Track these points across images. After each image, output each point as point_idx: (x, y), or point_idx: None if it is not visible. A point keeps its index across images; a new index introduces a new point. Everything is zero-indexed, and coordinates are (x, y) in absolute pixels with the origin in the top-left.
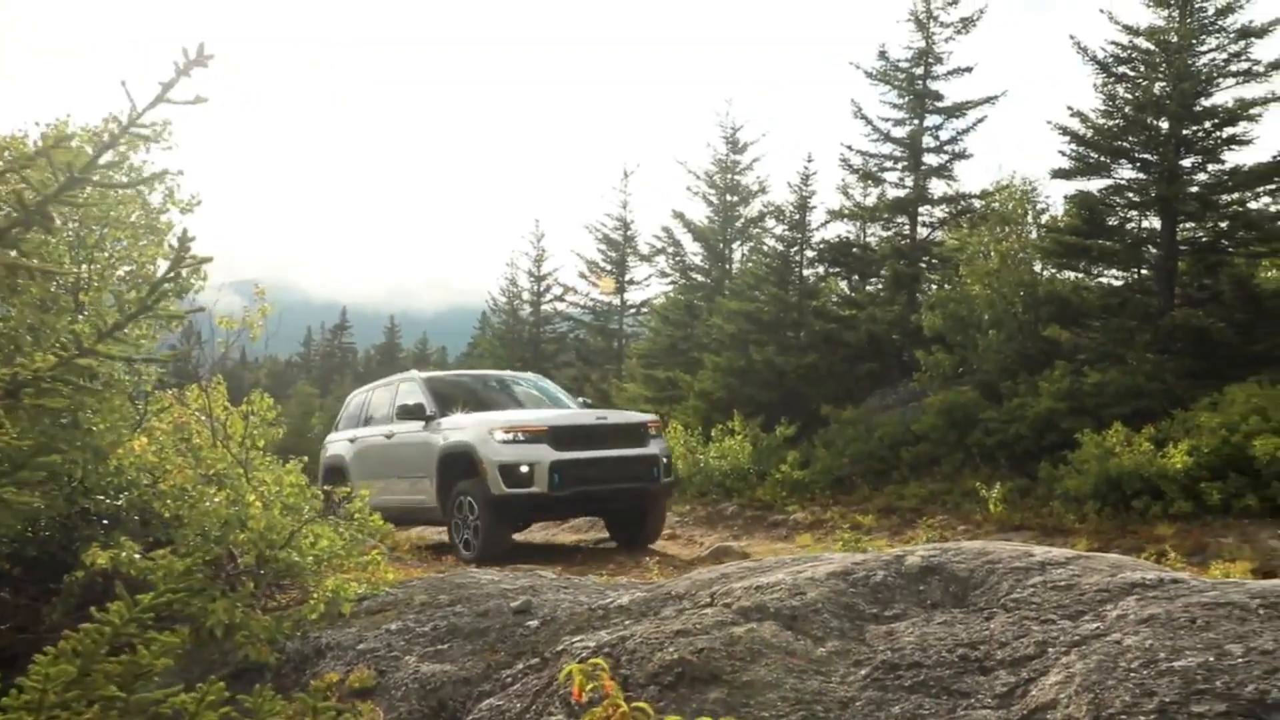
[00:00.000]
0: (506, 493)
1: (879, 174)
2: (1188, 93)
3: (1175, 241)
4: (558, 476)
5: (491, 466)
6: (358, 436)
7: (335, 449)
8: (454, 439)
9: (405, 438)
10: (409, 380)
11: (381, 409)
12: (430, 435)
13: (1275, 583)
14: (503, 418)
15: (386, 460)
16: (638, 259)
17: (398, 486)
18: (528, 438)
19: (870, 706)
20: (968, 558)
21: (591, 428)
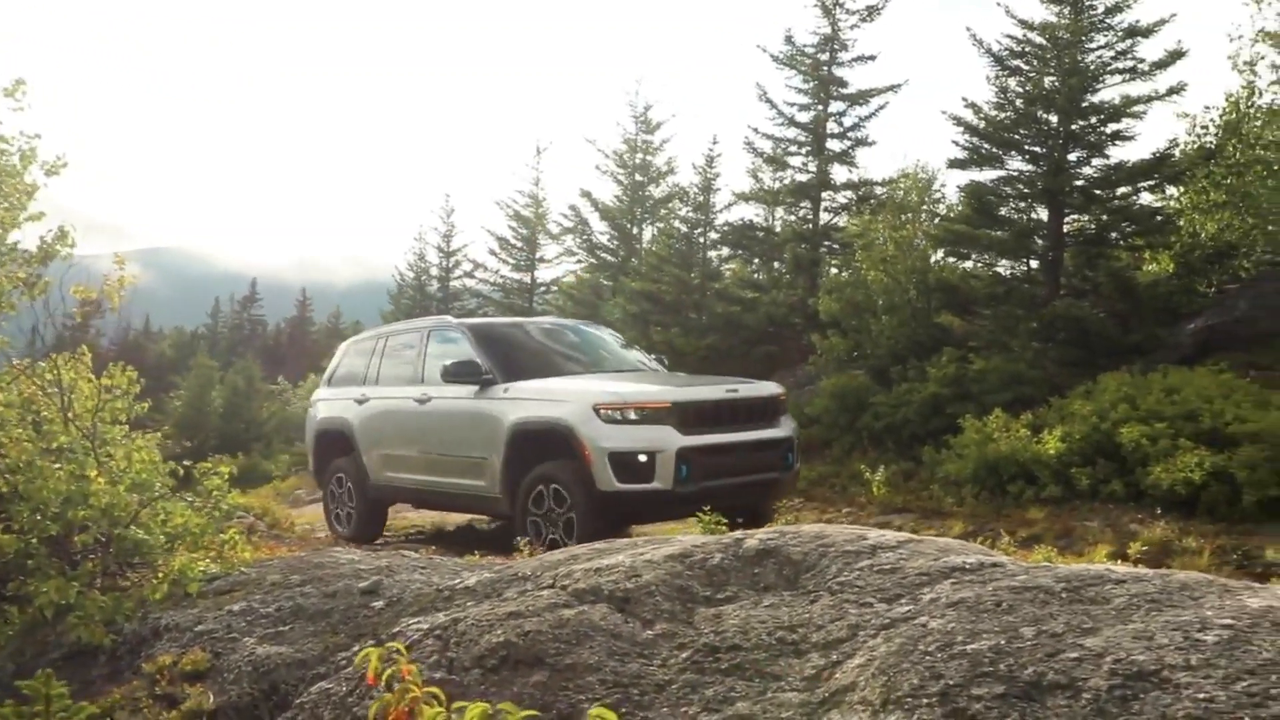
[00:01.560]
0: (618, 489)
1: (784, 158)
2: (1076, 88)
3: (1062, 233)
4: (685, 469)
5: (598, 454)
6: (367, 397)
7: (332, 410)
8: (536, 414)
9: (451, 405)
10: (446, 329)
11: (401, 364)
12: (493, 405)
13: (1082, 567)
14: (610, 389)
15: (419, 431)
16: (548, 237)
17: (436, 465)
18: (645, 417)
19: (685, 689)
20: (804, 541)
21: (721, 403)
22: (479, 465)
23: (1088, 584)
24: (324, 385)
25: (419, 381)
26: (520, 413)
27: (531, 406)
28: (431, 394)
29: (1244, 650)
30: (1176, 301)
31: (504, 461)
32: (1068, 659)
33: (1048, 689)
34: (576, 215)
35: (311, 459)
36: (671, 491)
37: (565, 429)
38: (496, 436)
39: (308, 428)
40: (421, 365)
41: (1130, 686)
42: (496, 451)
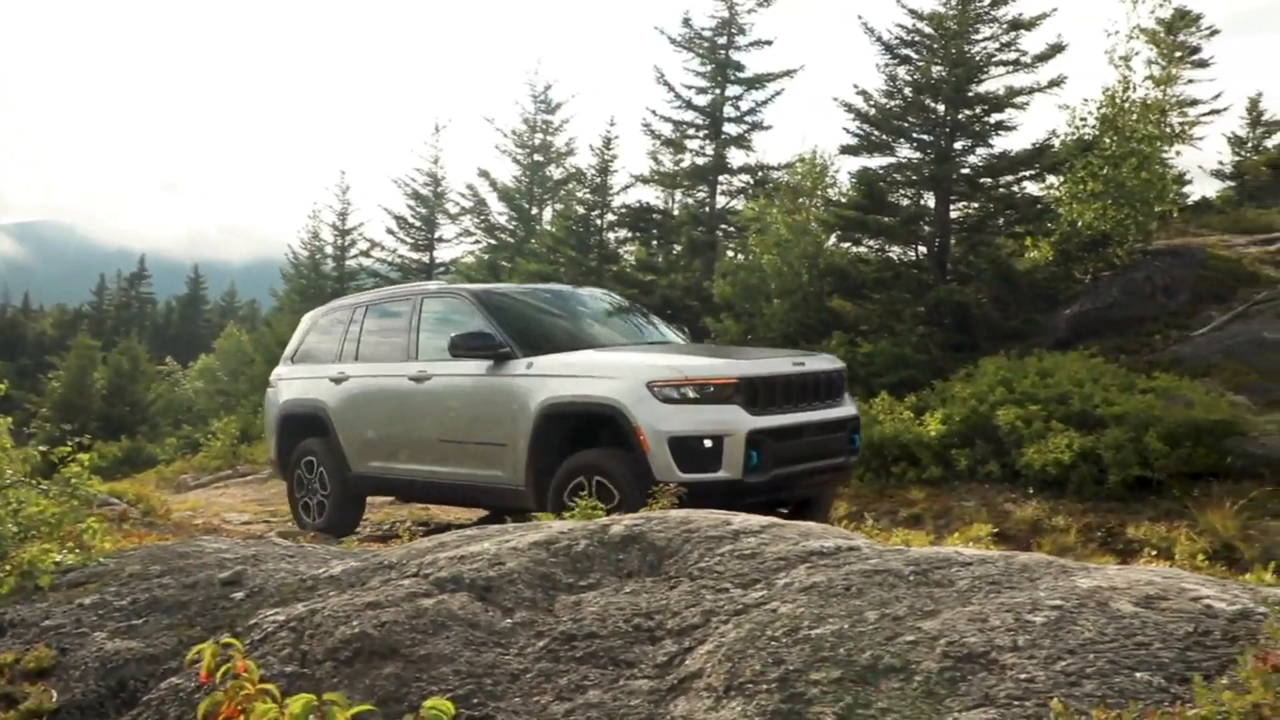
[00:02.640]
0: (681, 479)
1: (682, 141)
2: (962, 78)
3: (948, 220)
4: (755, 455)
5: (655, 439)
6: (346, 375)
7: (300, 390)
8: (573, 392)
9: (457, 384)
10: (445, 296)
11: (388, 338)
12: (513, 383)
13: (932, 550)
14: (665, 362)
15: (414, 414)
16: (446, 218)
17: (437, 453)
18: (709, 395)
19: (539, 679)
20: (669, 526)
21: (790, 378)
22: (495, 452)
23: (935, 566)
24: (286, 362)
25: (412, 357)
26: (550, 391)
27: (565, 384)
28: (431, 371)
29: (1068, 631)
30: (1054, 288)
31: (529, 448)
32: (904, 642)
33: (883, 672)
34: (474, 195)
35: (274, 444)
36: (740, 481)
37: (613, 410)
38: (519, 419)
39: (268, 410)
40: (414, 338)
41: (960, 668)
42: (519, 436)
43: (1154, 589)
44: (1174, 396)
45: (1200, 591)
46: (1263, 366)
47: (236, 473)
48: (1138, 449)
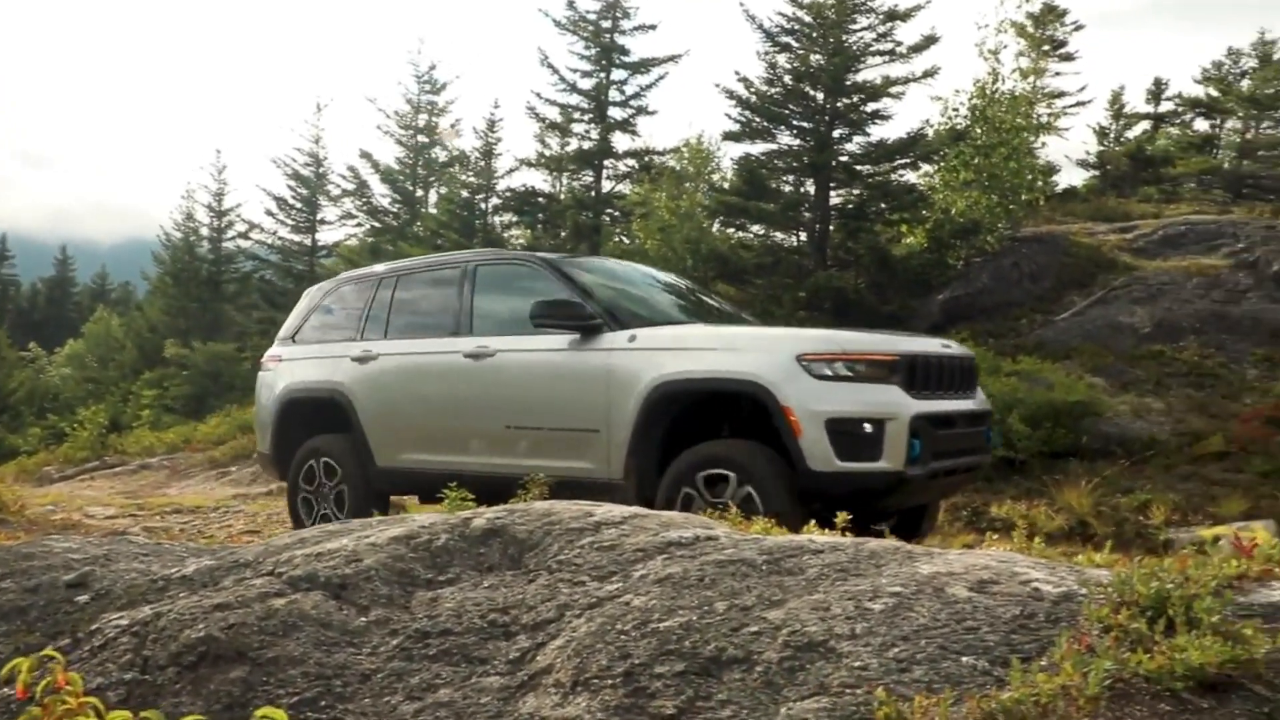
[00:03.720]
0: (838, 469)
1: (567, 125)
2: (840, 67)
3: (828, 206)
4: (917, 444)
5: (810, 420)
6: (373, 353)
7: (309, 372)
8: (694, 368)
9: (535, 361)
10: (512, 263)
11: (430, 310)
12: (612, 359)
13: (787, 538)
14: (809, 333)
15: (472, 397)
16: (328, 199)
17: (502, 441)
18: (866, 373)
19: (391, 678)
20: (531, 519)
21: (944, 361)
22: (583, 440)
23: (788, 555)
24: (284, 342)
25: (463, 331)
26: (663, 368)
27: (684, 359)
28: (493, 347)
29: (904, 617)
30: (929, 274)
31: (632, 435)
32: (749, 633)
33: (726, 664)
34: (356, 177)
35: (269, 438)
36: (901, 474)
37: (753, 387)
38: (618, 401)
39: (262, 396)
40: (467, 310)
41: (799, 658)
42: (618, 421)
43: (989, 573)
44: (1036, 379)
45: (1030, 575)
46: (1118, 349)
47: (104, 464)
48: (1002, 430)
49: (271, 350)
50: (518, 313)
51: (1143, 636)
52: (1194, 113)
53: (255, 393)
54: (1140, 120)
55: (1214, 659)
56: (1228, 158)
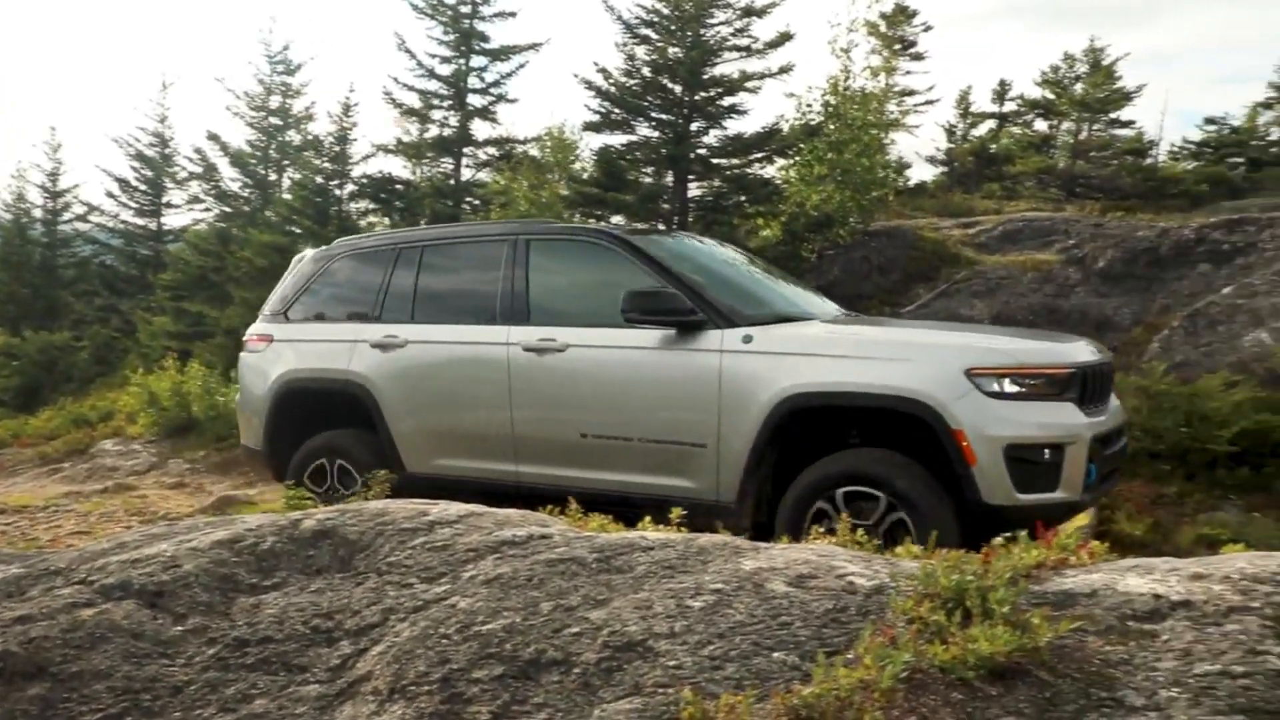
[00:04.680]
0: (1017, 502)
1: (426, 112)
2: (697, 60)
3: (686, 198)
4: (1094, 469)
5: (986, 447)
6: (403, 339)
7: (320, 360)
8: (838, 379)
9: (624, 361)
10: (578, 239)
11: (472, 291)
12: (726, 362)
13: (620, 535)
14: (976, 341)
15: (538, 398)
16: (174, 182)
17: (575, 452)
18: (1040, 389)
19: (205, 690)
20: (363, 519)
21: (1100, 369)
22: (686, 456)
23: (619, 553)
24: (275, 318)
25: (518, 317)
26: (795, 377)
27: (821, 368)
28: (564, 339)
29: (722, 614)
30: (783, 265)
31: (752, 452)
32: (570, 634)
33: (545, 666)
34: (204, 159)
35: (261, 430)
36: (1076, 503)
37: (918, 406)
38: (736, 412)
39: (249, 382)
40: (520, 293)
41: (617, 658)
42: (733, 436)
43: (808, 568)
44: None
45: (847, 569)
46: None
47: None
48: None
49: (257, 327)
50: (588, 299)
51: (941, 628)
52: (1034, 113)
53: (239, 377)
54: (986, 119)
55: (1003, 648)
56: (1062, 158)
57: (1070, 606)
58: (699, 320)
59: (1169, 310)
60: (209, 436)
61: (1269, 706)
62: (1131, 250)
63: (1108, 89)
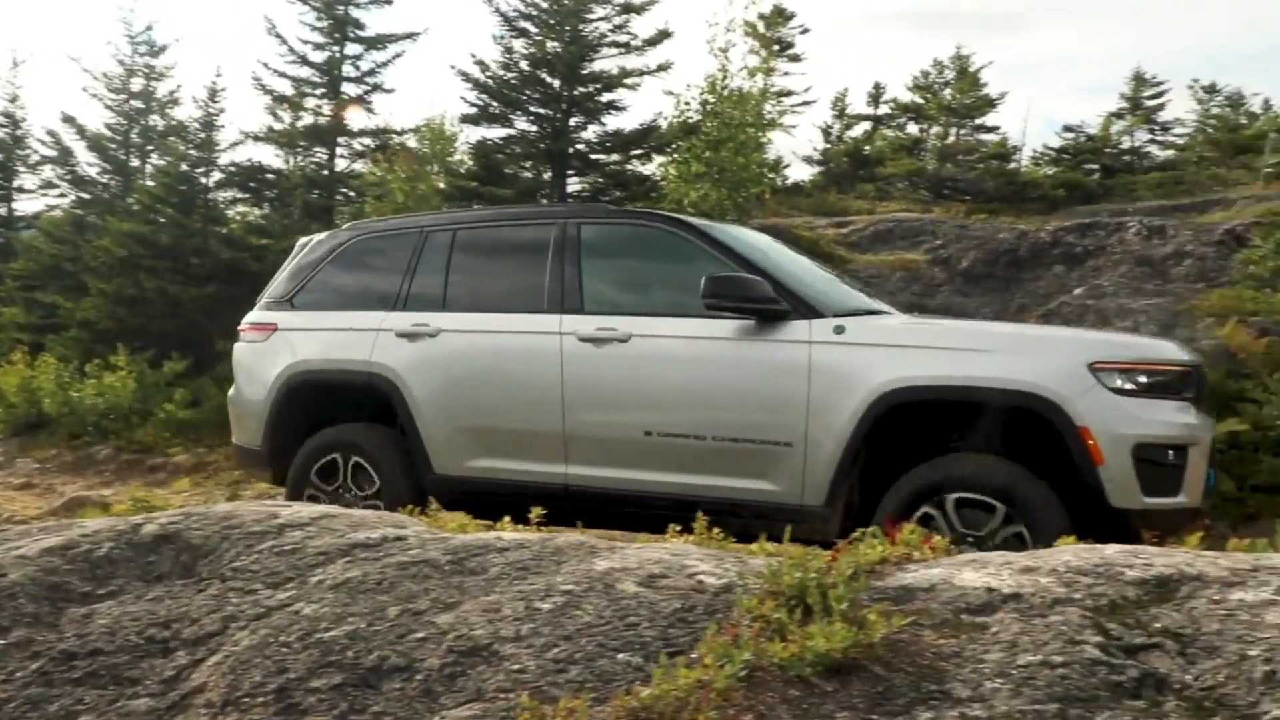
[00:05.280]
0: (1145, 506)
1: (298, 99)
2: (576, 55)
3: (565, 194)
4: (1212, 474)
5: (1113, 446)
6: (432, 328)
7: (337, 350)
8: (948, 373)
9: (696, 350)
10: (643, 225)
11: (516, 277)
12: (816, 354)
13: (475, 537)
14: (1101, 338)
15: (596, 392)
16: (26, 166)
17: (639, 452)
18: (1163, 386)
19: (26, 707)
20: (209, 523)
21: (1201, 371)
22: (768, 456)
23: (473, 554)
24: (279, 304)
25: (570, 306)
26: (901, 370)
27: (928, 360)
28: (626, 329)
29: (570, 616)
30: None
31: (846, 451)
32: (415, 639)
33: (387, 673)
34: (58, 143)
35: (262, 428)
36: (1196, 510)
37: (1037, 401)
38: (830, 408)
39: (248, 374)
40: (572, 280)
41: (461, 663)
42: (823, 434)
43: (660, 567)
44: None
45: (698, 567)
46: None
47: None
48: None
49: (257, 315)
50: (651, 286)
51: (782, 626)
52: (906, 117)
53: (235, 369)
54: (861, 121)
55: (839, 644)
56: (931, 161)
57: (909, 601)
58: (783, 310)
59: (1026, 309)
60: (61, 435)
61: (1083, 694)
62: (993, 251)
63: (974, 95)
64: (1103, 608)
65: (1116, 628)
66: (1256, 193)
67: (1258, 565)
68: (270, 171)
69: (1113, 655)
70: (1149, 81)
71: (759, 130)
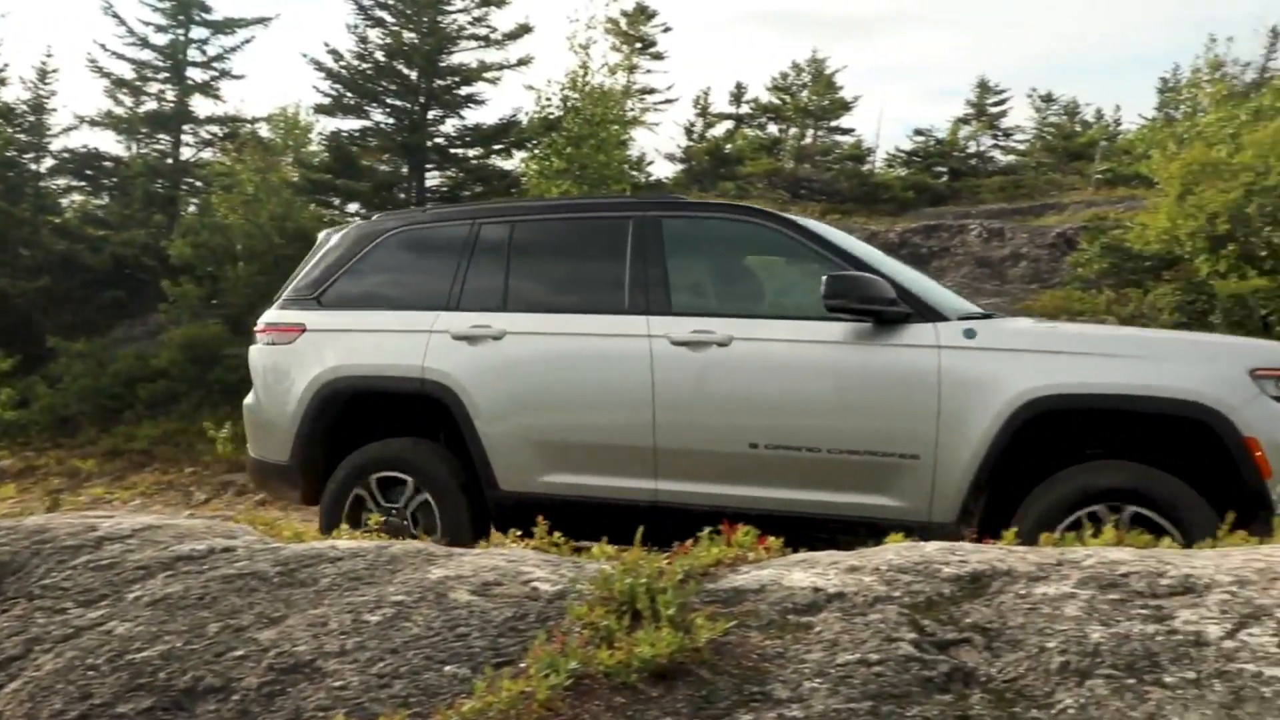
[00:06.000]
0: None
1: (139, 84)
2: (434, 48)
3: (424, 188)
4: None
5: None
6: (495, 330)
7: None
8: (1096, 380)
9: (809, 355)
10: (734, 219)
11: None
12: (943, 360)
13: (308, 547)
14: (1260, 345)
15: (690, 401)
16: None
17: (743, 465)
18: None
19: None
20: (19, 537)
21: None
22: (892, 469)
23: (304, 565)
24: (304, 303)
25: (655, 306)
26: (1048, 377)
27: (1076, 366)
28: (726, 332)
29: (399, 628)
30: None
31: (983, 464)
32: (234, 657)
33: (201, 695)
34: None
35: (291, 445)
36: None
37: (1199, 410)
38: (964, 418)
39: (272, 382)
40: (656, 278)
41: (281, 681)
42: (956, 445)
43: (495, 574)
44: None
45: (534, 574)
46: None
47: None
48: None
49: (279, 315)
50: (749, 286)
51: (610, 632)
52: (766, 117)
53: (253, 375)
54: (723, 120)
55: (665, 650)
56: (789, 161)
57: (739, 603)
58: (904, 312)
59: None
60: None
61: (896, 691)
62: None
63: (830, 98)
64: (920, 605)
65: (931, 624)
66: (1087, 198)
67: (1062, 560)
68: (109, 159)
69: (926, 651)
70: (993, 89)
71: (621, 128)
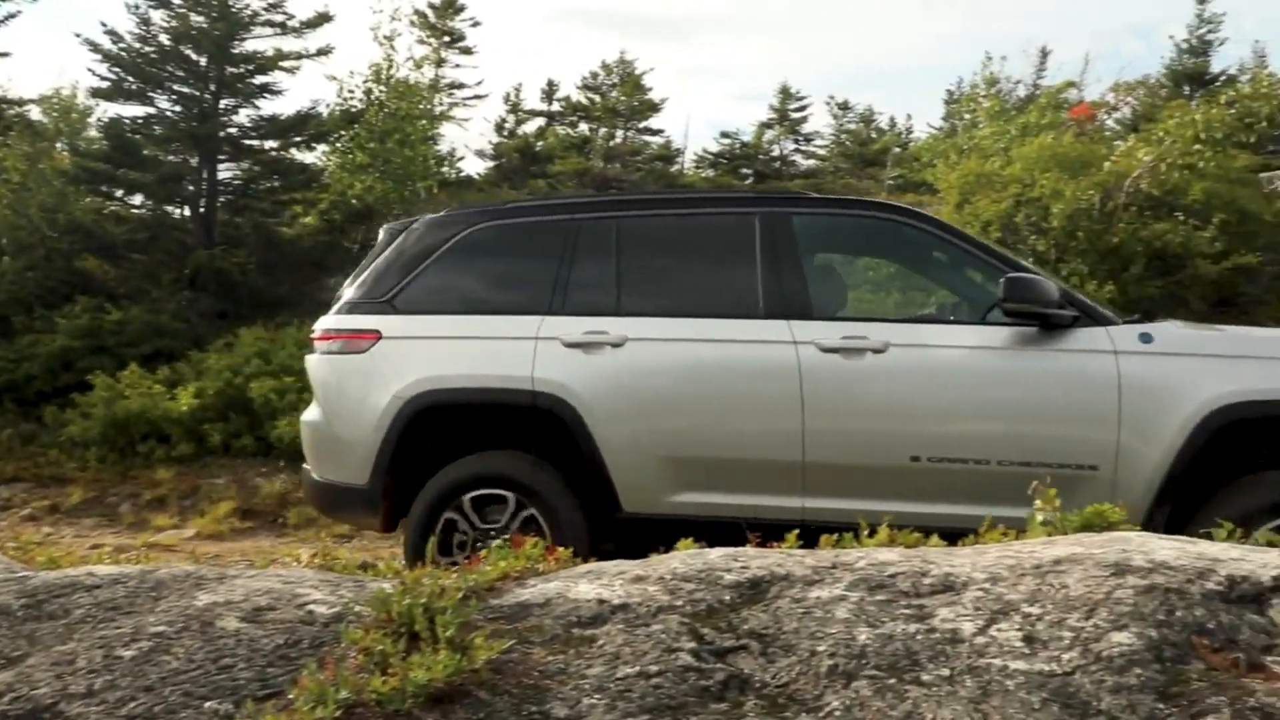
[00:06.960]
0: None
1: None
2: (226, 33)
3: (215, 181)
4: None
5: None
6: (614, 336)
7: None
8: None
9: (977, 362)
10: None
11: (711, 277)
12: (1123, 366)
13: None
14: None
15: (844, 411)
16: None
17: (903, 480)
18: None
19: None
20: None
21: None
22: (1073, 481)
23: (56, 595)
24: (374, 305)
25: (793, 310)
26: (1237, 382)
27: (1265, 372)
28: (881, 337)
29: (156, 662)
30: (322, 256)
31: (1168, 476)
32: None
33: None
34: None
35: (372, 466)
36: None
37: None
38: (1146, 427)
39: (347, 397)
40: (793, 281)
41: None
42: (1138, 456)
43: (269, 598)
44: None
45: (310, 596)
46: None
47: None
48: None
49: (345, 321)
50: (894, 288)
51: (385, 657)
52: (576, 115)
53: (322, 387)
54: (535, 117)
55: (441, 674)
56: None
57: (524, 618)
58: (1071, 316)
59: None
60: None
61: (673, 702)
62: None
63: (639, 99)
64: (700, 613)
65: (710, 632)
66: None
67: (836, 562)
68: None
69: (704, 660)
70: (794, 95)
71: (429, 123)
